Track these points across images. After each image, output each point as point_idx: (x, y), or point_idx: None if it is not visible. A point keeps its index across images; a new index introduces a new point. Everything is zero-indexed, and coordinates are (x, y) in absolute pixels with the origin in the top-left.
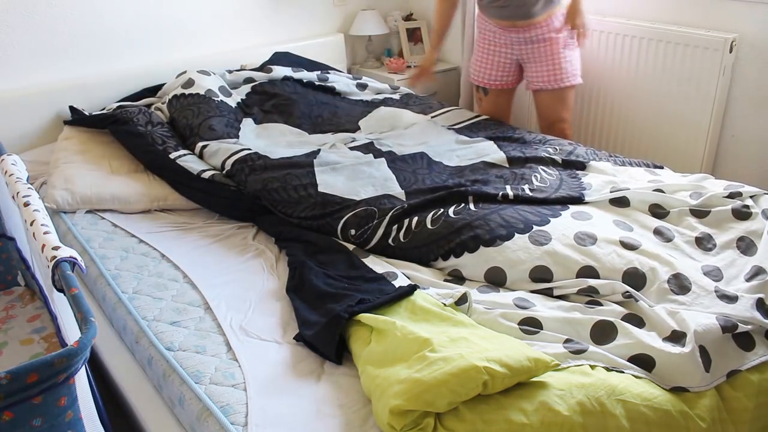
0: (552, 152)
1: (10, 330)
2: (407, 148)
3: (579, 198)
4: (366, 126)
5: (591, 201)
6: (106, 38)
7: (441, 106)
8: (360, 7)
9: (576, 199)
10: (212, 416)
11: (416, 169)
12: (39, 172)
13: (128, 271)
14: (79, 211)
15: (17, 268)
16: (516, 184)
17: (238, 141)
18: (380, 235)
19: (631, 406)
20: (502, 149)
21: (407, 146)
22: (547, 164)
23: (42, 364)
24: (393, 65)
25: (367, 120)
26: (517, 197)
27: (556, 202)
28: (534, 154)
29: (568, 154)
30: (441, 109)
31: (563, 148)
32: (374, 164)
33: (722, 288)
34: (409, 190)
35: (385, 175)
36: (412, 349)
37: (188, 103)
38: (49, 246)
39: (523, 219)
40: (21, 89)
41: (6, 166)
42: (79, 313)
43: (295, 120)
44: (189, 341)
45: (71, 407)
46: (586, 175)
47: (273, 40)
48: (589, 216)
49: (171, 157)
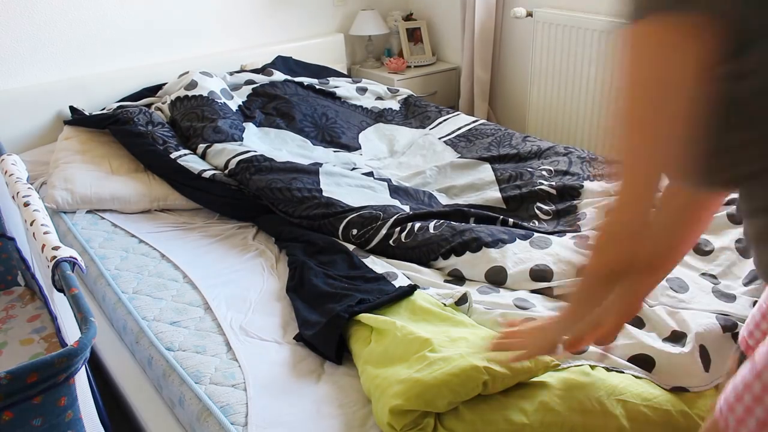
0: (547, 176)
1: (10, 330)
2: (407, 180)
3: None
4: (366, 147)
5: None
6: (106, 38)
7: (439, 113)
8: (360, 7)
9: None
10: (212, 416)
11: (418, 201)
12: (39, 172)
13: (128, 271)
14: (79, 211)
15: (17, 268)
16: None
17: (242, 144)
18: (382, 235)
19: (631, 406)
20: (498, 178)
21: (406, 178)
22: (544, 199)
23: (42, 364)
24: (393, 65)
25: (366, 135)
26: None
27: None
28: (530, 187)
29: (563, 175)
30: (439, 119)
31: (558, 167)
32: (378, 189)
33: (721, 288)
34: (414, 212)
35: (389, 198)
36: (412, 349)
37: (192, 105)
38: (49, 246)
39: (525, 231)
40: (21, 89)
41: (6, 166)
42: (79, 313)
43: (297, 125)
44: (189, 341)
45: (71, 407)
46: (581, 202)
47: (273, 40)
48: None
49: (172, 156)
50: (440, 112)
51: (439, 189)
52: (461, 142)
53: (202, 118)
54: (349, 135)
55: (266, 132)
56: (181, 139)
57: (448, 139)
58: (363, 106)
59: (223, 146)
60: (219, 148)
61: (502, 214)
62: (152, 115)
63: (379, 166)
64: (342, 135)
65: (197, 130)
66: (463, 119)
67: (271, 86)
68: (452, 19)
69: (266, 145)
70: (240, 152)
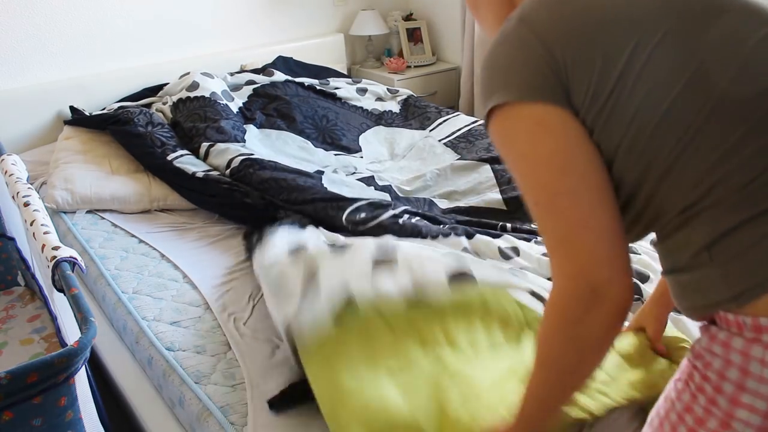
0: None
1: (10, 330)
2: (408, 184)
3: None
4: (366, 149)
5: None
6: (106, 38)
7: (438, 113)
8: (360, 7)
9: None
10: (212, 416)
11: (418, 209)
12: (39, 172)
13: (128, 271)
14: (79, 211)
15: (17, 268)
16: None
17: (245, 145)
18: (390, 214)
19: None
20: (498, 180)
21: (407, 182)
22: None
23: (42, 364)
24: (393, 65)
25: (366, 137)
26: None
27: None
28: None
29: None
30: (438, 119)
31: None
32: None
33: None
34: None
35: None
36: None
37: (194, 106)
38: (49, 246)
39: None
40: (21, 89)
41: (6, 166)
42: (79, 313)
43: (298, 126)
44: (189, 341)
45: (71, 407)
46: None
47: (273, 40)
48: None
49: (168, 158)
50: (440, 112)
51: (440, 194)
52: (461, 143)
53: (204, 119)
54: (349, 137)
55: (267, 134)
56: (183, 139)
57: (448, 140)
58: (363, 108)
59: (226, 146)
60: (222, 148)
61: (502, 215)
62: (152, 116)
63: (380, 170)
64: (342, 137)
65: (200, 130)
66: (463, 120)
67: (272, 87)
68: (452, 19)
69: (267, 149)
70: (243, 153)
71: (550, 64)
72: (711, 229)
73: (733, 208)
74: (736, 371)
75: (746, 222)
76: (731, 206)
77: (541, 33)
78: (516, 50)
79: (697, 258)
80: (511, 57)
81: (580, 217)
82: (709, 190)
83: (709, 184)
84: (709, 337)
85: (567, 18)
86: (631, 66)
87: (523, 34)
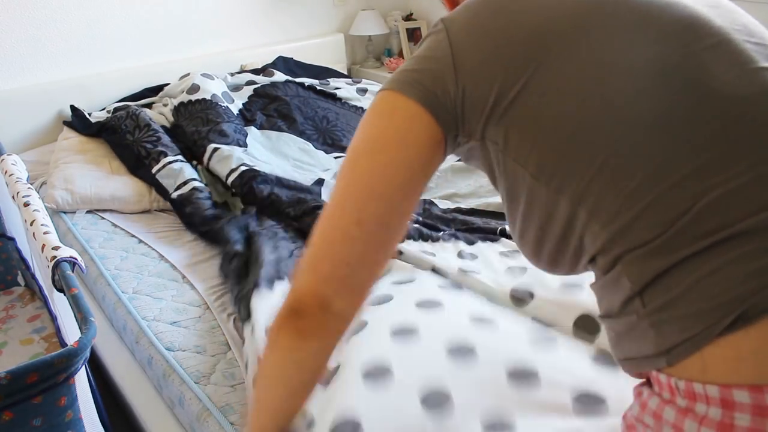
0: None
1: (10, 330)
2: None
3: None
4: None
5: None
6: (106, 38)
7: None
8: (360, 7)
9: None
10: (212, 416)
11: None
12: (39, 172)
13: (128, 271)
14: (79, 211)
15: (17, 268)
16: None
17: (247, 150)
18: None
19: None
20: None
21: None
22: None
23: (42, 364)
24: (393, 65)
25: None
26: None
27: None
28: None
29: None
30: None
31: None
32: None
33: None
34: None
35: None
36: None
37: (196, 110)
38: (49, 246)
39: None
40: (21, 89)
41: (6, 166)
42: (79, 313)
43: (298, 127)
44: (189, 341)
45: (71, 407)
46: None
47: (273, 40)
48: None
49: (153, 171)
50: None
51: (440, 195)
52: None
53: (206, 122)
54: (350, 138)
55: (268, 136)
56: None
57: None
58: (364, 108)
59: (230, 151)
60: (226, 153)
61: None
62: (139, 116)
63: None
64: (343, 138)
65: (202, 133)
66: None
67: (272, 87)
68: None
69: (268, 152)
70: (245, 162)
71: (449, 85)
72: (640, 272)
73: (663, 246)
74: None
75: (678, 264)
76: (661, 245)
77: (457, 49)
78: (428, 60)
79: (630, 304)
80: (423, 61)
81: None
82: (630, 224)
83: (629, 217)
84: (641, 405)
85: (488, 36)
86: (532, 86)
87: (442, 41)
